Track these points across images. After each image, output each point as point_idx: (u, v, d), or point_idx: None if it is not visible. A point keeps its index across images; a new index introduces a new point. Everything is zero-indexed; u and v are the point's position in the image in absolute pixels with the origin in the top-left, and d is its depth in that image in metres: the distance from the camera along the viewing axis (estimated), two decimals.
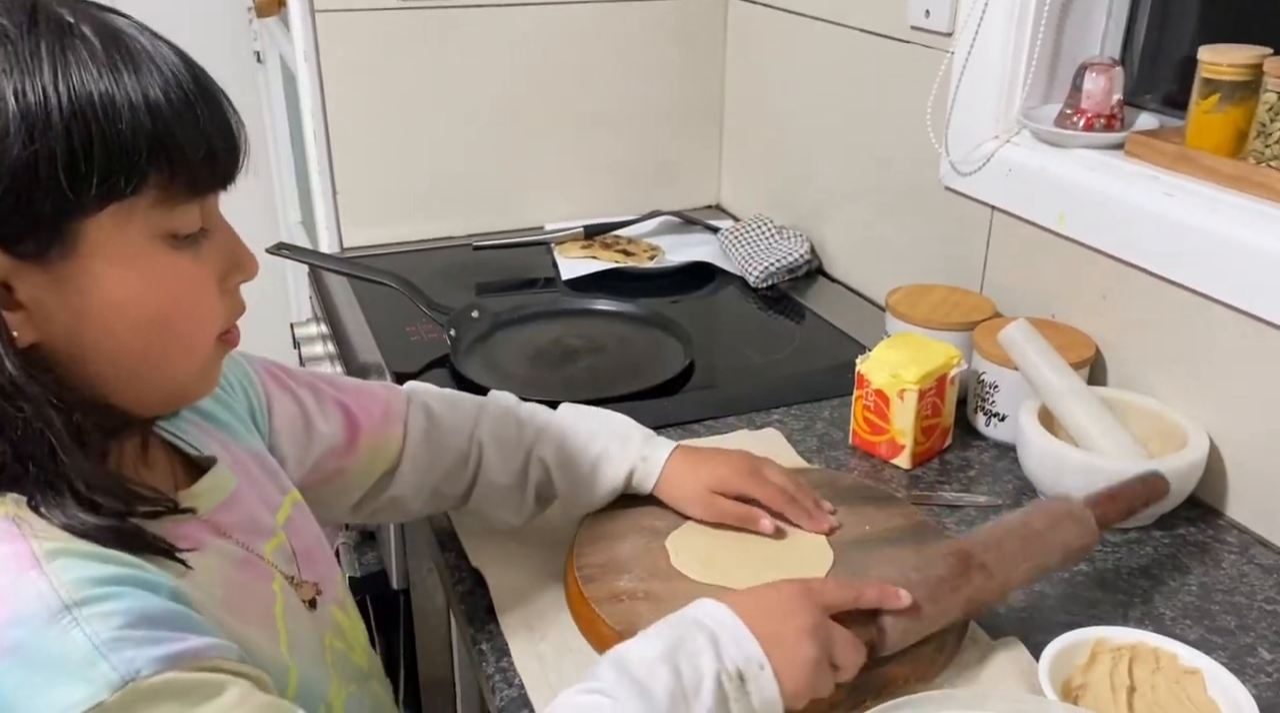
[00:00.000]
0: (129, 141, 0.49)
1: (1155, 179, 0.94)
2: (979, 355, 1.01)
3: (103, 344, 0.52)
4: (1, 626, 0.46)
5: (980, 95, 1.10)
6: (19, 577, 0.47)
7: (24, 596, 0.46)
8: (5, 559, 0.47)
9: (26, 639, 0.45)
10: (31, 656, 0.45)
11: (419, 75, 1.47)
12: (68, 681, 0.45)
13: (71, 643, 0.46)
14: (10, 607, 0.46)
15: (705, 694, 0.57)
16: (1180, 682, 0.66)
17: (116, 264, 0.51)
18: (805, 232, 1.45)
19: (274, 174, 2.17)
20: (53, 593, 0.47)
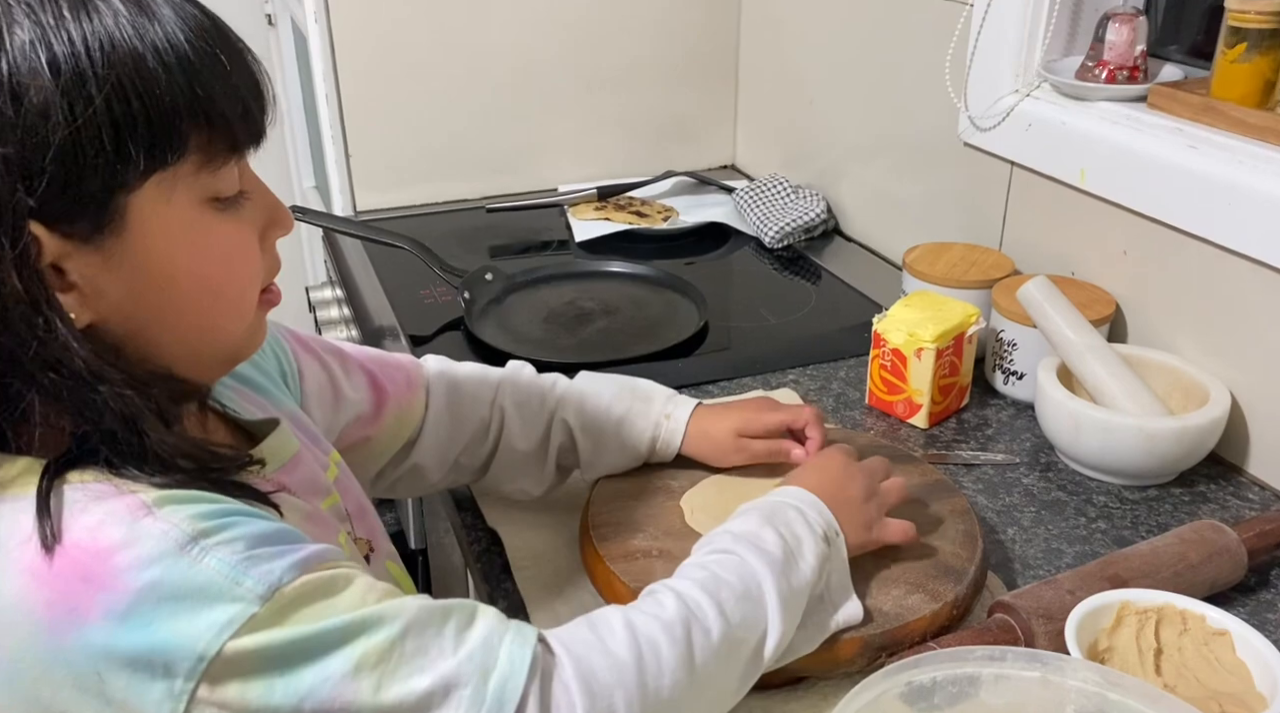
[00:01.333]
0: (168, 107, 0.48)
1: (1179, 132, 0.92)
2: (998, 313, 1.00)
3: (158, 316, 0.52)
4: (133, 569, 0.46)
5: (1000, 48, 1.07)
6: (134, 525, 0.47)
7: (146, 540, 0.47)
8: (116, 511, 0.48)
9: (163, 576, 0.46)
10: (173, 588, 0.46)
11: (431, 37, 1.45)
12: (216, 603, 0.47)
13: (208, 570, 0.47)
14: (136, 551, 0.47)
15: (808, 553, 0.63)
16: (1208, 643, 0.65)
17: (165, 236, 0.50)
18: (821, 191, 1.43)
19: (287, 138, 2.16)
20: (175, 529, 0.48)
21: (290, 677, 0.47)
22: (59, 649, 0.46)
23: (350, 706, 0.48)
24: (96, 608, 0.46)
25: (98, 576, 0.46)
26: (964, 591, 0.69)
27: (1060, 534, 0.82)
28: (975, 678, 0.56)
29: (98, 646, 0.46)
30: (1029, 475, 0.90)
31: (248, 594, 0.47)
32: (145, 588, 0.46)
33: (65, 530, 0.47)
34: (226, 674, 0.46)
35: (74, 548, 0.47)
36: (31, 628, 0.46)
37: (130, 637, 0.46)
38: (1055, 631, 0.65)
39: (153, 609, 0.46)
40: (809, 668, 0.66)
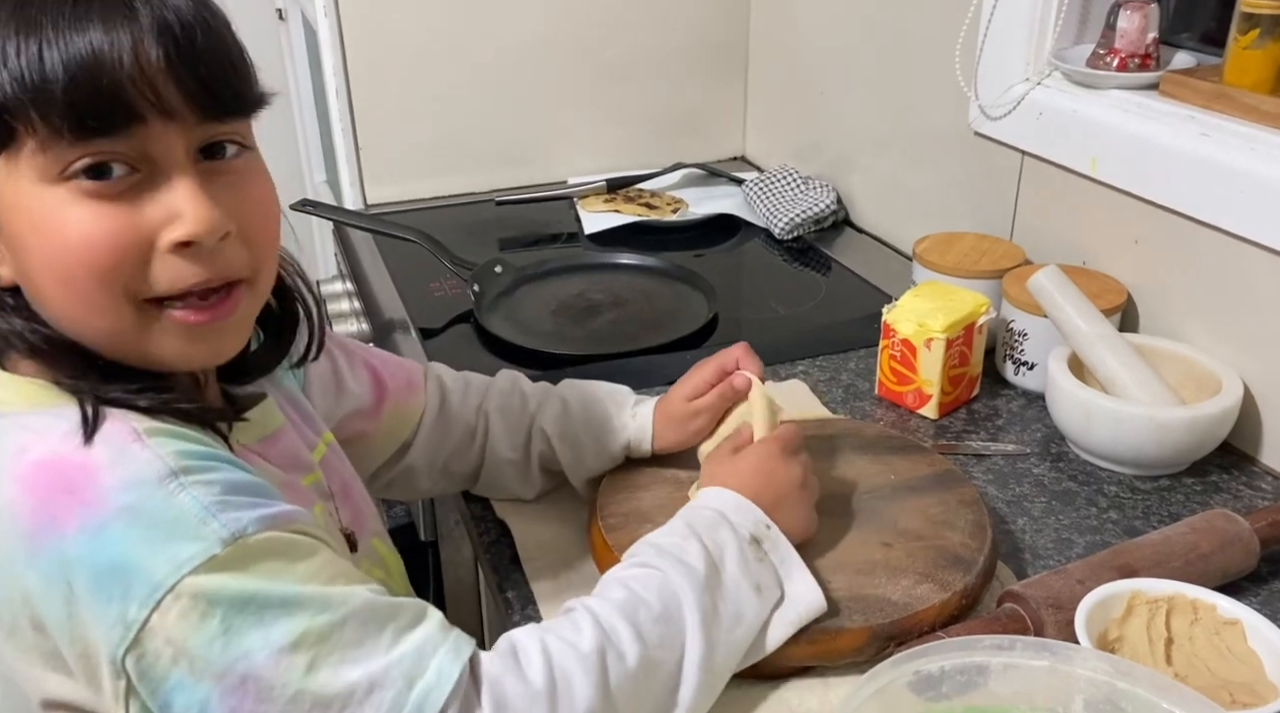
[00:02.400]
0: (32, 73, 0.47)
1: (1191, 119, 0.92)
2: (1008, 303, 0.99)
3: (35, 291, 0.53)
4: (114, 489, 0.49)
5: (1010, 37, 1.07)
6: (124, 448, 0.50)
7: (132, 463, 0.50)
8: (107, 434, 0.51)
9: (140, 502, 0.49)
10: (146, 516, 0.49)
11: (440, 30, 1.46)
12: (181, 538, 0.48)
13: (181, 505, 0.49)
14: (119, 473, 0.49)
15: (730, 561, 0.63)
16: (1220, 633, 0.65)
17: (13, 211, 0.50)
18: (831, 182, 1.43)
19: (298, 132, 2.17)
20: (159, 461, 0.50)
21: (235, 633, 0.49)
22: (35, 554, 0.49)
23: (277, 679, 0.49)
24: (74, 520, 0.48)
25: (80, 489, 0.49)
26: (973, 580, 0.69)
27: (1071, 524, 0.82)
28: (984, 667, 0.56)
29: (69, 556, 0.48)
30: (1040, 466, 0.89)
31: (212, 535, 0.49)
32: (121, 509, 0.48)
33: (58, 444, 0.50)
34: (178, 610, 0.48)
35: (62, 461, 0.50)
36: (14, 532, 0.49)
37: (99, 553, 0.48)
38: (1065, 620, 0.64)
39: (124, 531, 0.48)
40: (817, 658, 0.66)
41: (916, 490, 0.77)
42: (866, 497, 0.77)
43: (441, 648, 0.53)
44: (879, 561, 0.70)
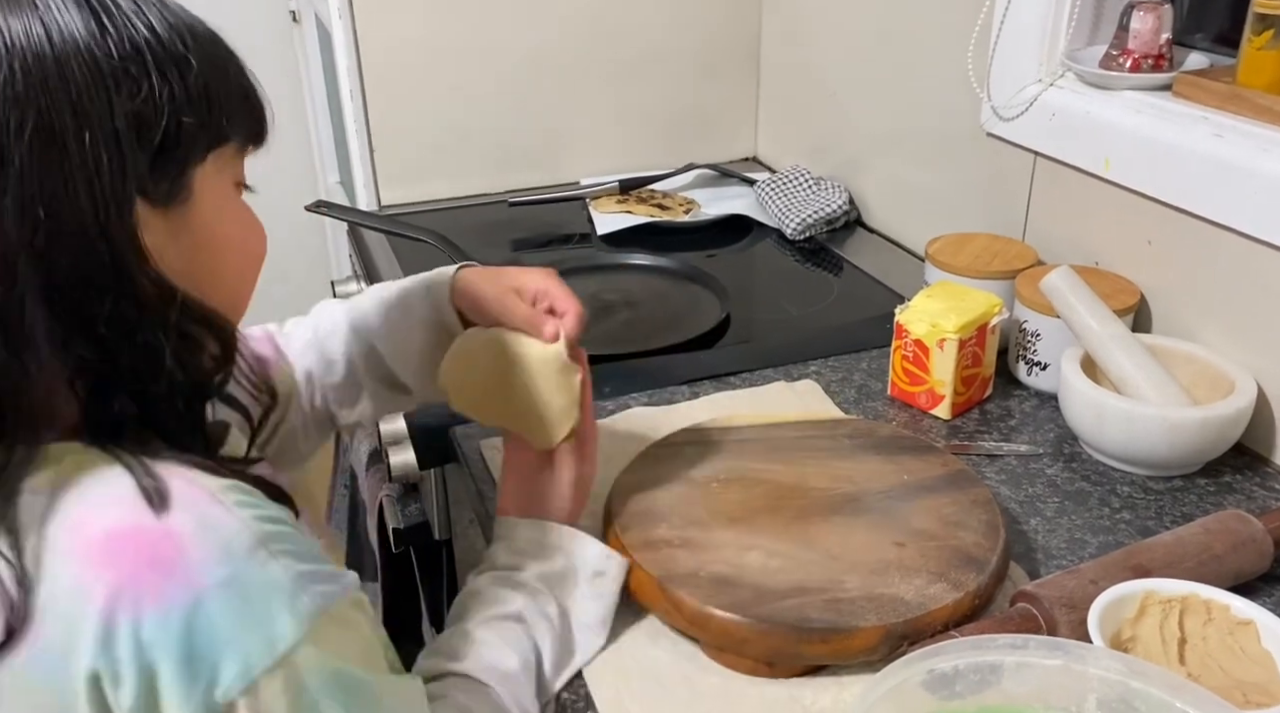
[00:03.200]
0: (232, 89, 0.54)
1: (1205, 120, 0.92)
2: (1021, 304, 0.99)
3: (204, 281, 0.54)
4: (208, 563, 0.46)
5: (1023, 37, 1.07)
6: (207, 513, 0.47)
7: (221, 532, 0.47)
8: (185, 497, 0.47)
9: (236, 574, 0.46)
10: (243, 590, 0.46)
11: (453, 31, 1.46)
12: (279, 612, 0.47)
13: (272, 577, 0.47)
14: (210, 544, 0.46)
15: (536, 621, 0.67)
16: (1233, 633, 0.65)
17: (215, 207, 0.54)
18: (843, 182, 1.43)
19: (312, 134, 2.18)
20: (245, 529, 0.48)
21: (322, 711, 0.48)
22: (110, 639, 0.45)
23: None
24: (161, 597, 0.45)
25: (167, 562, 0.45)
26: (986, 580, 0.69)
27: (1084, 525, 0.82)
28: (997, 666, 0.56)
29: (154, 638, 0.45)
30: (1052, 466, 0.90)
31: (302, 610, 0.48)
32: (220, 583, 0.46)
33: (126, 520, 0.46)
34: (270, 692, 0.46)
35: (140, 532, 0.46)
36: (82, 616, 0.45)
37: (191, 634, 0.45)
38: (1078, 620, 0.65)
39: (220, 608, 0.45)
40: (830, 657, 0.66)
41: (929, 491, 0.78)
42: (879, 497, 0.77)
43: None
44: (892, 560, 0.70)
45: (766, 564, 0.70)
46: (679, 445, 0.83)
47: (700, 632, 0.68)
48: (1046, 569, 0.77)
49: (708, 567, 0.70)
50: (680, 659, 0.69)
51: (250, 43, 0.58)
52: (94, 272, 0.48)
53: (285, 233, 2.30)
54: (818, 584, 0.68)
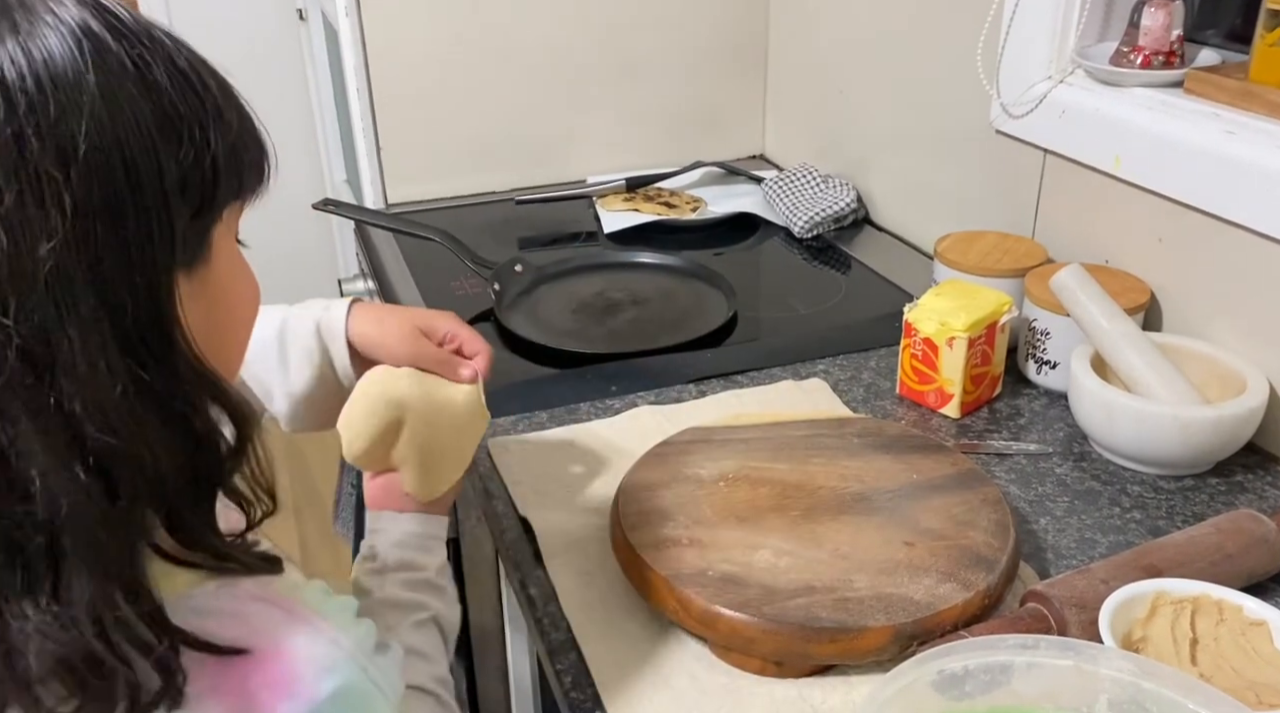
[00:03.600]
0: (243, 143, 0.50)
1: (1216, 117, 0.91)
2: (1030, 302, 0.99)
3: (217, 341, 0.52)
4: (319, 678, 0.47)
5: (1033, 34, 1.06)
6: (297, 627, 0.48)
7: (320, 645, 0.48)
8: (272, 616, 0.48)
9: (344, 685, 0.48)
10: (352, 701, 0.48)
11: (461, 29, 1.46)
12: (378, 701, 0.50)
13: (372, 681, 0.49)
14: (316, 659, 0.47)
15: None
16: (1245, 634, 0.64)
17: (227, 264, 0.52)
18: (851, 180, 1.42)
19: (318, 133, 2.18)
20: (342, 636, 0.49)
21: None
22: None
23: None
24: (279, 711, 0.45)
25: (280, 683, 0.46)
26: (996, 580, 0.69)
27: (1094, 524, 0.82)
28: (1008, 667, 0.56)
29: None
30: (1062, 465, 0.89)
31: (390, 701, 0.50)
32: (329, 697, 0.47)
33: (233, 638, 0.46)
34: None
35: (252, 656, 0.46)
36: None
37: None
38: (1089, 620, 0.64)
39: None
40: (840, 657, 0.66)
41: (939, 490, 0.77)
42: (888, 496, 0.77)
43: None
44: (901, 560, 0.70)
45: (775, 564, 0.70)
46: (686, 445, 0.83)
47: (708, 631, 0.67)
48: (1056, 569, 0.76)
49: (716, 566, 0.69)
50: (688, 659, 0.69)
51: (257, 41, 0.58)
52: (150, 341, 0.45)
53: (292, 232, 2.32)
54: (826, 584, 0.68)
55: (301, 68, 2.20)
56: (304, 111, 2.23)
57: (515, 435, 0.93)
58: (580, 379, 1.01)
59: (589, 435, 0.92)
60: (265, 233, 1.99)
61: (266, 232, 2.26)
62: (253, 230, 0.59)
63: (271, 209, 0.60)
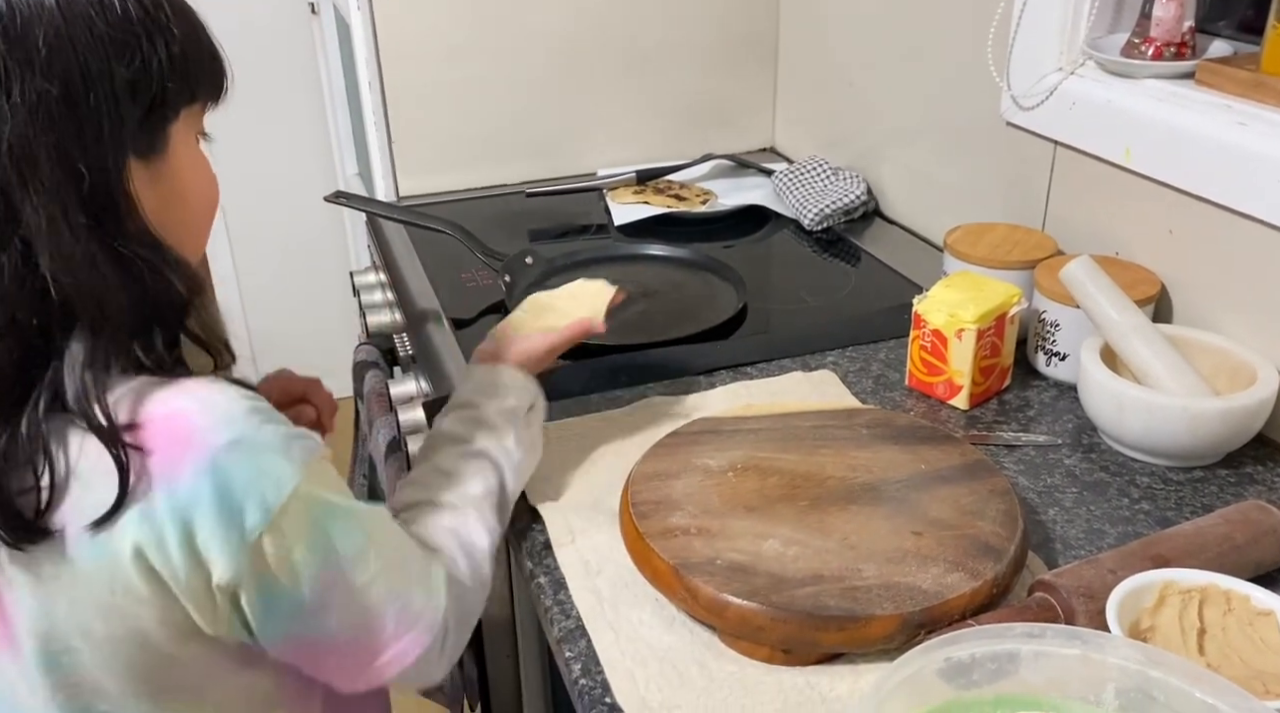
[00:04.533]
0: (203, 52, 0.61)
1: (1228, 108, 0.91)
2: (1040, 294, 0.99)
3: (172, 228, 0.61)
4: (214, 429, 0.55)
5: (1043, 26, 1.06)
6: (202, 393, 0.57)
7: (219, 405, 0.57)
8: (182, 388, 0.57)
9: (241, 435, 0.56)
10: (249, 447, 0.56)
11: (472, 22, 1.47)
12: (279, 462, 0.57)
13: (268, 434, 0.57)
14: (212, 416, 0.56)
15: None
16: (1253, 624, 0.64)
17: (185, 160, 0.61)
18: (861, 172, 1.42)
19: (330, 126, 2.19)
20: (238, 400, 0.57)
21: (328, 538, 0.59)
22: (148, 511, 0.54)
23: (358, 573, 0.61)
24: (186, 465, 0.54)
25: (183, 438, 0.55)
26: (1004, 569, 0.69)
27: (1102, 515, 0.82)
28: (1015, 655, 0.56)
29: (186, 497, 0.54)
30: (1071, 457, 0.89)
31: (296, 457, 0.57)
32: (225, 445, 0.55)
33: (145, 413, 0.55)
34: (284, 525, 0.56)
35: (158, 420, 0.55)
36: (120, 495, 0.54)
37: (213, 487, 0.54)
38: (1096, 610, 0.65)
39: (233, 463, 0.55)
40: (847, 645, 0.66)
41: (947, 480, 0.78)
42: (897, 486, 0.77)
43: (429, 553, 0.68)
44: (910, 549, 0.70)
45: (783, 553, 0.70)
46: (696, 435, 0.83)
47: (717, 619, 0.68)
48: (1065, 559, 0.77)
49: (724, 555, 0.70)
50: (696, 647, 0.69)
51: (269, 34, 0.60)
52: (103, 212, 0.56)
53: (304, 224, 2.33)
54: (834, 573, 0.68)
55: (313, 61, 2.21)
56: (316, 105, 2.23)
57: None
58: (590, 370, 1.01)
59: (598, 426, 0.93)
60: (278, 225, 2.03)
61: (279, 224, 2.31)
62: (266, 223, 0.62)
63: (283, 201, 0.62)
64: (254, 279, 2.45)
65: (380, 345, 1.27)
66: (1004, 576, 0.69)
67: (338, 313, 2.35)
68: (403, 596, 0.63)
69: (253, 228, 2.38)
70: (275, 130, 2.29)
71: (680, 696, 0.66)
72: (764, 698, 0.65)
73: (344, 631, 0.62)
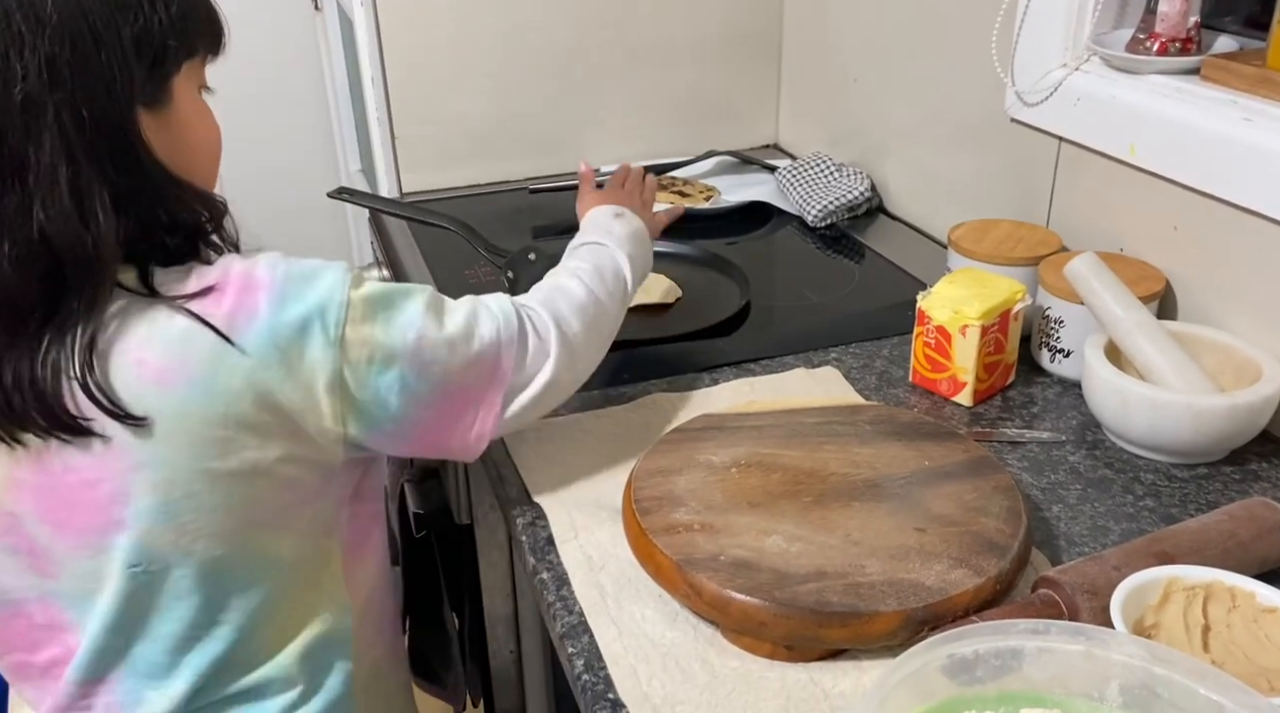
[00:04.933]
0: (201, 10, 0.68)
1: (1234, 104, 0.91)
2: (1044, 290, 0.98)
3: (183, 170, 0.68)
4: (270, 272, 0.66)
5: (1048, 21, 1.06)
6: (247, 259, 0.67)
7: (263, 259, 0.67)
8: (223, 261, 0.67)
9: (289, 269, 0.66)
10: (300, 274, 0.66)
11: (475, 18, 1.46)
12: (327, 274, 0.67)
13: (308, 263, 0.68)
14: (263, 266, 0.66)
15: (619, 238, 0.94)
16: (1258, 621, 0.64)
17: (189, 110, 0.69)
18: (865, 169, 1.42)
19: (333, 122, 2.19)
20: (273, 253, 0.68)
21: (395, 313, 0.69)
22: (248, 346, 0.64)
23: (427, 334, 0.70)
24: (261, 302, 0.65)
25: (251, 285, 0.65)
26: (1007, 566, 0.69)
27: (1107, 512, 0.82)
28: (1018, 651, 0.56)
29: (269, 325, 0.64)
30: (1075, 453, 0.89)
31: (338, 269, 0.68)
32: (283, 278, 0.65)
33: (210, 279, 0.65)
34: (357, 316, 0.67)
35: (224, 285, 0.65)
36: (217, 342, 0.63)
37: (291, 310, 0.65)
38: (1100, 607, 0.64)
39: (296, 288, 0.65)
40: (850, 641, 0.66)
41: (951, 476, 0.77)
42: (901, 482, 0.77)
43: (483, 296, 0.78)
44: (913, 545, 0.70)
45: (786, 549, 0.70)
46: (699, 431, 0.83)
47: (720, 615, 0.68)
48: (1069, 556, 0.77)
49: (727, 551, 0.70)
50: (700, 642, 0.69)
51: (272, 30, 0.60)
52: (117, 156, 0.63)
53: (307, 220, 2.33)
54: (838, 569, 0.68)
55: (316, 57, 2.21)
56: (319, 101, 2.23)
57: None
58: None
59: (602, 422, 0.93)
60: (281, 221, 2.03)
61: (282, 220, 2.30)
62: (269, 218, 0.65)
63: (287, 197, 0.62)
64: None
65: None
66: (1008, 572, 0.69)
67: None
68: (476, 321, 0.74)
69: (255, 223, 2.38)
70: (278, 126, 2.29)
71: (683, 691, 0.66)
72: (767, 694, 0.65)
73: (451, 376, 0.71)
